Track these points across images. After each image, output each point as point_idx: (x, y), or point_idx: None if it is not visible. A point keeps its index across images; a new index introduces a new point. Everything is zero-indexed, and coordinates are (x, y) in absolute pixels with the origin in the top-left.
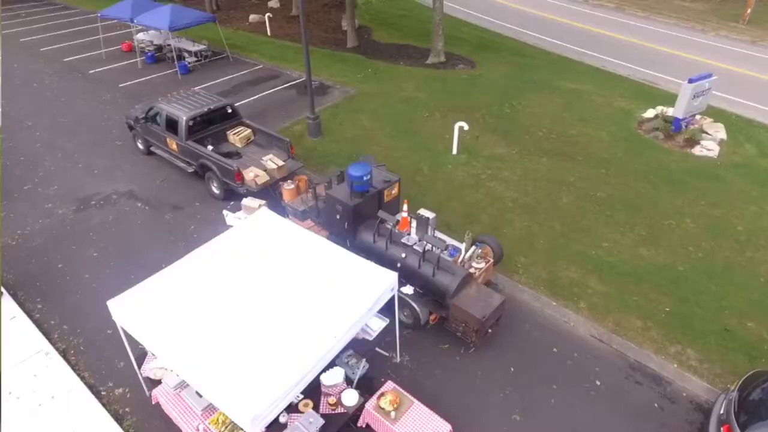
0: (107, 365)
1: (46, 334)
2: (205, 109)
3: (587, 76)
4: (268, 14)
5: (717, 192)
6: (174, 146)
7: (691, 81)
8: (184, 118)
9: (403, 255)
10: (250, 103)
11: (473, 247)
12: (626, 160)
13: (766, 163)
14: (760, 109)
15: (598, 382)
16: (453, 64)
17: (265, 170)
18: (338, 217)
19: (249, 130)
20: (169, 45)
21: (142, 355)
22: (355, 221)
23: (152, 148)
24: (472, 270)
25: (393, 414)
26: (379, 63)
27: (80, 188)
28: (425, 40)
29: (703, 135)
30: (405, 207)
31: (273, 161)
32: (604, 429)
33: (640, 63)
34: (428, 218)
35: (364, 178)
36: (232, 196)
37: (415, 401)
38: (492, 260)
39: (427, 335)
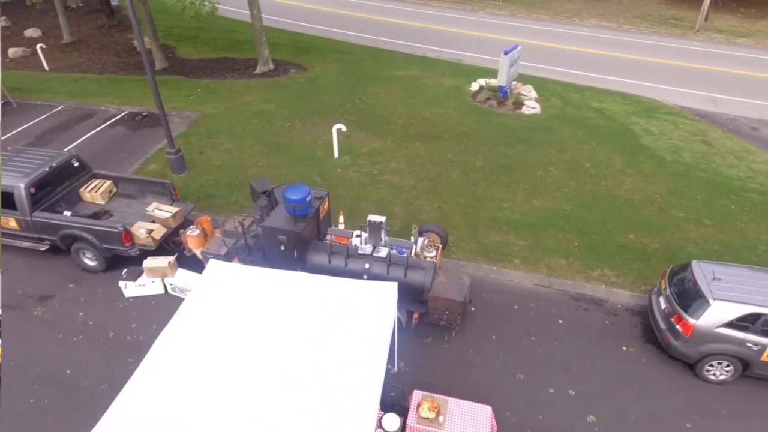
0: None
1: None
2: (46, 169)
3: (408, 63)
4: (40, 45)
5: (555, 140)
6: (13, 224)
7: (506, 53)
8: (23, 186)
9: (367, 266)
10: (72, 152)
11: (420, 238)
12: (481, 130)
13: (572, 110)
14: (543, 68)
15: (560, 321)
16: (284, 71)
17: (153, 221)
18: (283, 247)
19: (108, 182)
20: None
21: None
22: (304, 247)
23: None
24: (428, 260)
25: (441, 419)
26: (205, 81)
27: None
28: (240, 51)
29: (521, 96)
30: (341, 219)
31: (162, 209)
32: (583, 355)
33: (439, 44)
34: (381, 222)
35: (307, 200)
36: (118, 263)
37: (448, 398)
38: (440, 246)
39: (408, 337)
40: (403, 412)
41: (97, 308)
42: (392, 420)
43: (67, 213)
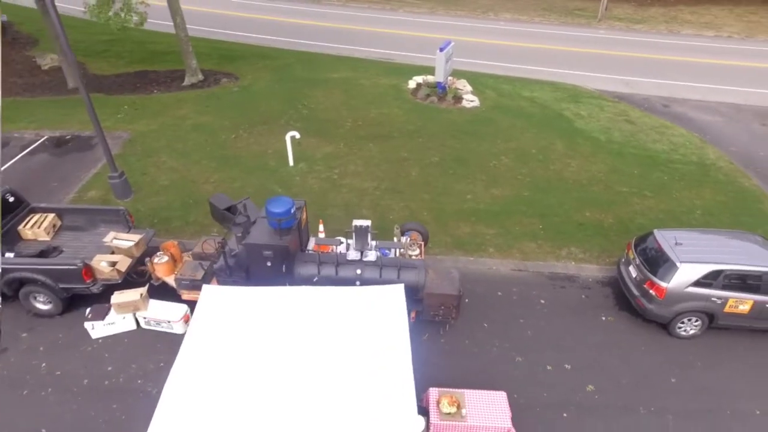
0: None
1: None
2: None
3: (339, 64)
4: None
5: (499, 131)
6: None
7: (441, 50)
8: None
9: (358, 271)
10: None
11: (403, 238)
12: (428, 126)
13: (507, 101)
14: (470, 63)
15: (542, 301)
16: (215, 81)
17: (113, 252)
18: (269, 263)
19: (51, 215)
20: None
21: None
22: (290, 260)
23: None
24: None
25: (463, 411)
26: (129, 97)
27: None
28: (161, 63)
29: (459, 91)
30: (321, 227)
31: (121, 239)
32: (569, 330)
33: (365, 44)
34: (367, 226)
35: (291, 212)
36: (78, 302)
37: (464, 390)
38: (422, 243)
39: None
40: (421, 412)
41: (61, 356)
42: (418, 421)
43: (10, 255)
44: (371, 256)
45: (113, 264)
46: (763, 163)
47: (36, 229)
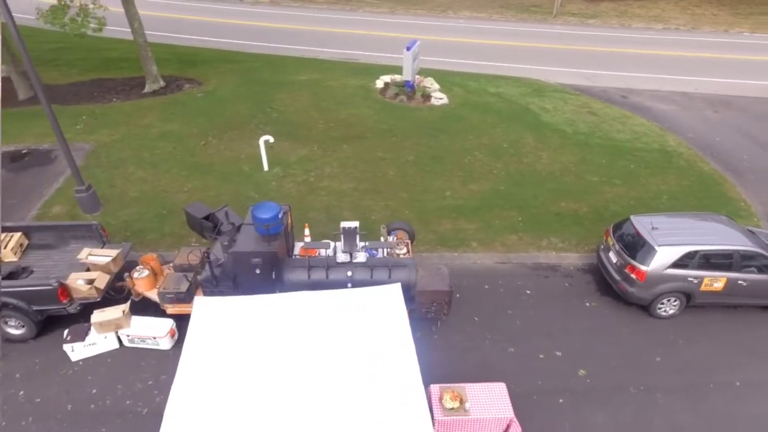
0: None
1: None
2: None
3: (304, 66)
4: None
5: (470, 127)
6: None
7: (408, 49)
8: None
9: (349, 273)
10: None
11: (390, 237)
12: (400, 125)
13: (475, 97)
14: (435, 60)
15: (528, 292)
16: (177, 87)
17: (88, 269)
18: (258, 271)
19: (17, 235)
20: None
21: None
22: (279, 266)
23: None
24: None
25: (467, 405)
26: (87, 107)
27: None
28: (117, 70)
29: (427, 89)
30: (307, 231)
31: (97, 255)
32: (556, 318)
33: (328, 45)
34: (355, 228)
35: (279, 217)
36: (53, 324)
37: (464, 384)
38: (409, 241)
39: None
40: None
41: (39, 382)
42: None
43: None
44: (360, 257)
45: (91, 281)
46: (718, 148)
47: (3, 249)
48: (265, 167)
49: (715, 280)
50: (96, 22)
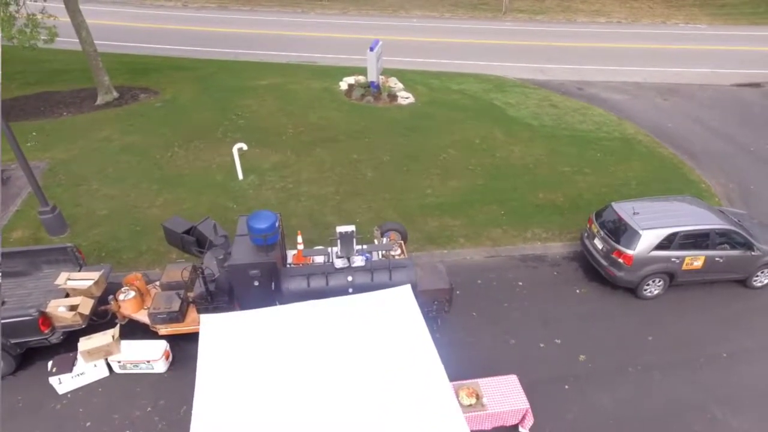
0: None
1: None
2: None
3: (263, 71)
4: None
5: (440, 124)
6: None
7: (371, 49)
8: None
9: (350, 278)
10: None
11: (383, 239)
12: (371, 126)
13: (440, 95)
14: (393, 60)
15: (520, 283)
16: (132, 97)
17: (67, 295)
18: (257, 283)
19: None
20: None
21: None
22: (277, 276)
23: None
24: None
25: (484, 400)
26: (35, 123)
27: None
28: (63, 83)
29: (392, 88)
30: (300, 239)
31: (76, 279)
32: (551, 307)
33: (284, 49)
34: (351, 232)
35: (276, 226)
36: (34, 356)
37: (478, 380)
38: (402, 242)
39: None
40: None
41: (25, 420)
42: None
43: None
44: (358, 261)
45: (74, 308)
46: (673, 134)
47: None
48: (240, 176)
49: (695, 259)
50: (47, 33)
